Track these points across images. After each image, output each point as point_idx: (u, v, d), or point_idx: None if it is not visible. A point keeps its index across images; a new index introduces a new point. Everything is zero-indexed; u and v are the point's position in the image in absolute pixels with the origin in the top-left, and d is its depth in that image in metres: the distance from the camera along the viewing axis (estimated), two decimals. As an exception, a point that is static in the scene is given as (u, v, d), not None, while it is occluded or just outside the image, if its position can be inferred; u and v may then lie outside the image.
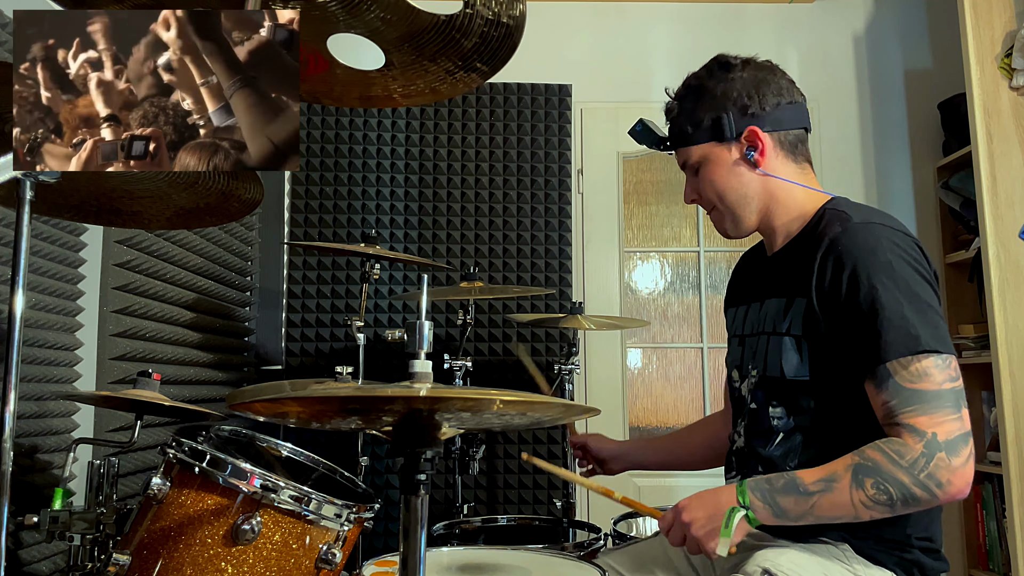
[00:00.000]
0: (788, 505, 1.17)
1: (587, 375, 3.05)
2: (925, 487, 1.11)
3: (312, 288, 2.97)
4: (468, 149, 3.07)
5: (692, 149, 1.38)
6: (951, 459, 1.10)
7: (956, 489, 1.11)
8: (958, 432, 1.12)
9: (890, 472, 1.11)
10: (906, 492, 1.11)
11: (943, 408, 1.12)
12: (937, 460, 1.10)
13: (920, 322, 1.15)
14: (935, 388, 1.13)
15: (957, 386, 1.14)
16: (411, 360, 0.90)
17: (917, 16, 3.27)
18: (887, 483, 1.12)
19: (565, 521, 2.10)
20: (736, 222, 1.39)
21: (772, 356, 1.31)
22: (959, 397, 1.14)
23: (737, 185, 1.36)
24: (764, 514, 1.18)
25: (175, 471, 1.30)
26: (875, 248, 1.20)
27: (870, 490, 1.12)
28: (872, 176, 3.18)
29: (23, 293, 0.99)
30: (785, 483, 1.18)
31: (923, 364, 1.13)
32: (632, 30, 3.26)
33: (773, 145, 1.35)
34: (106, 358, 2.02)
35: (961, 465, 1.11)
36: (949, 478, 1.10)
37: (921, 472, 1.10)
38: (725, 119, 1.34)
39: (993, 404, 2.58)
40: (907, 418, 1.13)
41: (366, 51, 1.14)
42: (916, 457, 1.11)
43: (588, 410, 0.93)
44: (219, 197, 1.34)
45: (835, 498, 1.14)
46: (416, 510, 0.87)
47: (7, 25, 1.71)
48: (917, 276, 1.20)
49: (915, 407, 1.13)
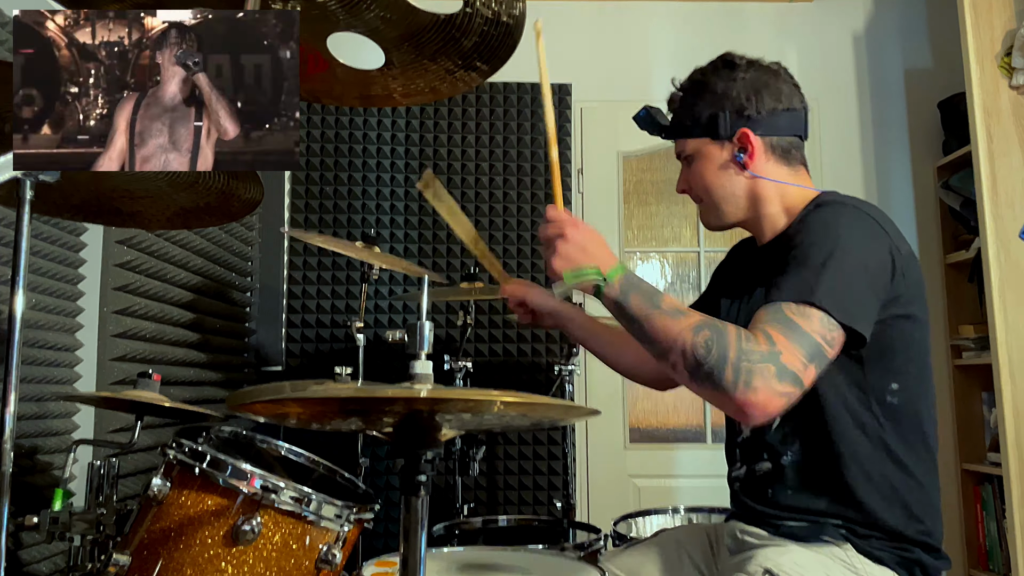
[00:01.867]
0: (635, 302, 1.19)
1: (587, 376, 3.05)
2: (737, 374, 1.07)
3: (312, 288, 2.97)
4: (468, 148, 3.07)
5: (687, 142, 1.41)
6: (776, 379, 1.07)
7: (756, 399, 1.07)
8: (796, 370, 1.09)
9: (727, 343, 1.10)
10: (721, 365, 1.08)
11: (800, 346, 1.10)
12: (765, 367, 1.07)
13: (828, 286, 1.14)
14: (806, 329, 1.12)
15: (825, 347, 1.12)
16: (412, 361, 0.90)
17: (917, 16, 3.27)
18: (716, 345, 1.10)
19: (565, 522, 2.10)
20: (719, 217, 1.42)
21: None
22: (817, 355, 1.11)
23: (725, 183, 1.38)
24: (612, 292, 1.21)
25: (175, 472, 1.30)
26: (830, 221, 1.23)
27: (699, 339, 1.11)
28: (872, 176, 3.18)
29: (23, 293, 0.98)
30: (650, 290, 1.21)
31: (810, 311, 1.13)
32: (632, 29, 3.26)
33: (764, 149, 1.36)
34: (106, 359, 2.02)
35: (777, 393, 1.07)
36: (760, 386, 1.07)
37: (744, 361, 1.08)
38: (721, 118, 1.36)
39: (993, 404, 2.58)
40: (769, 327, 1.12)
41: (366, 50, 1.14)
42: (754, 350, 1.09)
43: (588, 411, 0.93)
44: (219, 197, 1.34)
45: (671, 323, 1.15)
46: (416, 511, 0.87)
47: (7, 25, 1.71)
48: (856, 254, 1.19)
49: (780, 327, 1.12)
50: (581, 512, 2.93)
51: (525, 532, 2.06)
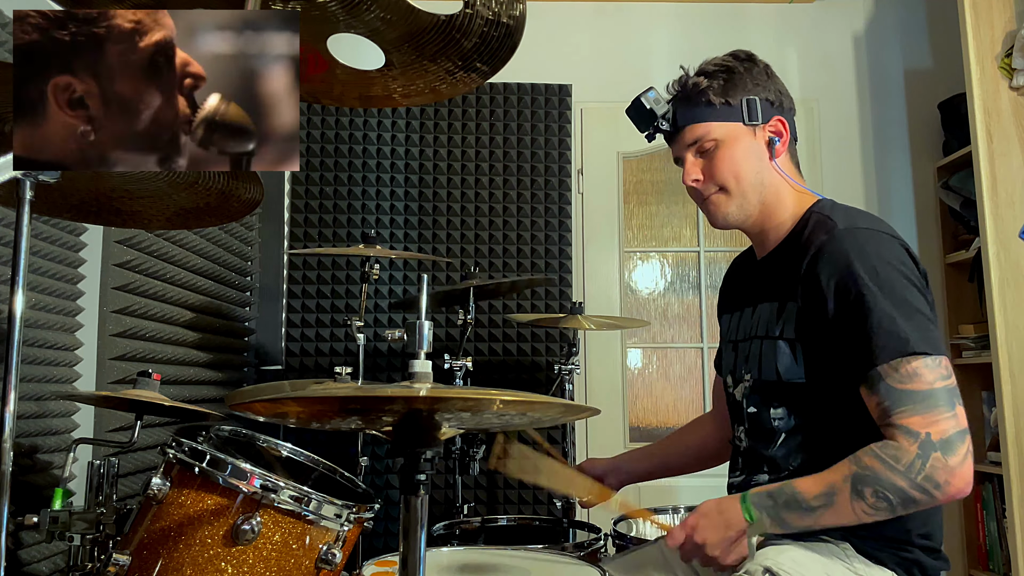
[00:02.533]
0: (792, 519, 1.18)
1: (587, 375, 3.05)
2: (923, 489, 1.11)
3: (312, 288, 2.97)
4: (468, 149, 3.07)
5: (714, 126, 1.35)
6: (947, 458, 1.10)
7: (955, 488, 1.11)
8: (953, 430, 1.11)
9: (888, 478, 1.12)
10: (905, 496, 1.12)
11: (936, 407, 1.12)
12: (933, 461, 1.10)
13: (908, 326, 1.15)
14: (926, 388, 1.13)
15: (949, 384, 1.14)
16: (411, 360, 0.90)
17: (917, 16, 3.27)
18: (886, 490, 1.12)
19: (565, 521, 2.10)
20: (742, 206, 1.37)
21: (767, 360, 1.31)
22: (952, 395, 1.13)
23: (757, 168, 1.36)
24: (772, 528, 1.20)
25: (175, 471, 1.30)
26: (860, 254, 1.21)
27: (870, 499, 1.13)
28: (872, 176, 3.18)
29: (23, 293, 0.99)
30: (787, 499, 1.19)
31: (913, 365, 1.13)
32: (632, 30, 3.26)
33: (788, 142, 1.38)
34: (106, 358, 2.02)
35: (958, 464, 1.10)
36: (947, 478, 1.10)
37: (918, 475, 1.10)
38: (756, 103, 1.35)
39: (993, 404, 2.58)
40: (900, 419, 1.13)
41: (366, 51, 1.14)
42: (911, 460, 1.11)
43: (588, 410, 0.93)
44: (219, 197, 1.34)
45: (837, 510, 1.15)
46: (416, 510, 0.87)
47: (7, 25, 1.71)
48: (903, 280, 1.19)
49: (907, 407, 1.13)
50: (581, 511, 2.93)
51: (525, 532, 2.06)
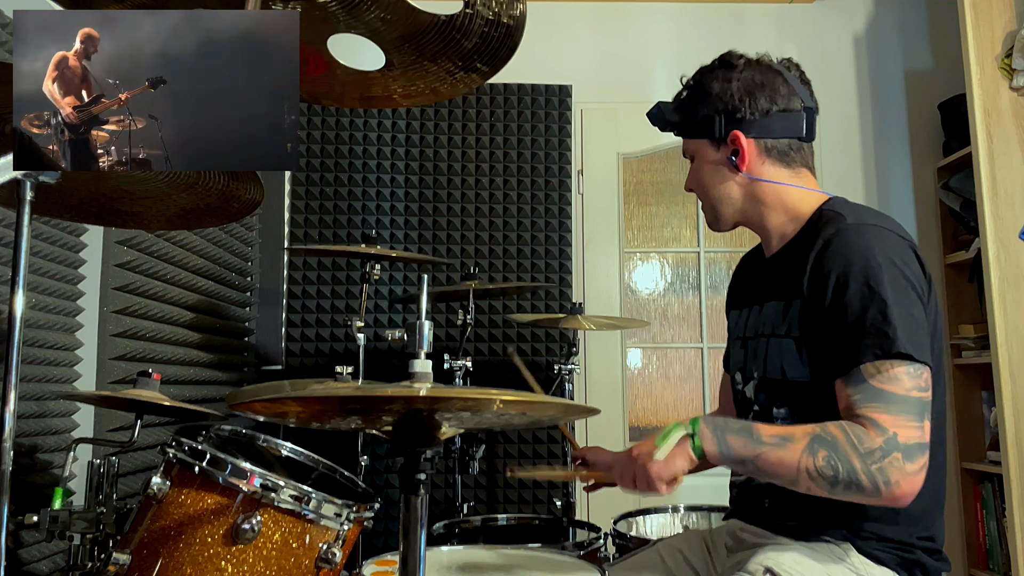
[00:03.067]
0: (736, 444, 1.17)
1: (587, 375, 3.05)
2: (872, 479, 1.10)
3: (312, 288, 2.97)
4: (468, 149, 3.07)
5: (688, 142, 1.43)
6: (905, 463, 1.10)
7: (901, 492, 1.10)
8: (917, 440, 1.11)
9: (845, 452, 1.11)
10: (853, 476, 1.10)
11: (906, 413, 1.12)
12: (892, 458, 1.10)
13: (898, 327, 1.14)
14: (903, 393, 1.13)
15: (924, 397, 1.14)
16: (411, 360, 0.90)
17: (917, 16, 3.27)
18: (839, 460, 1.11)
19: (565, 521, 2.10)
20: (716, 217, 1.43)
21: (772, 358, 1.31)
22: (924, 408, 1.13)
23: (718, 184, 1.39)
24: (710, 443, 1.18)
25: (175, 471, 1.30)
26: (864, 251, 1.20)
27: (820, 461, 1.12)
28: (872, 176, 3.18)
29: (23, 293, 0.99)
30: (741, 426, 1.19)
31: (896, 369, 1.13)
32: (632, 30, 3.26)
33: (757, 152, 1.35)
34: (106, 358, 2.02)
35: (914, 472, 1.10)
36: (898, 479, 1.10)
37: (874, 463, 1.10)
38: (716, 120, 1.36)
39: (993, 404, 2.58)
40: (870, 412, 1.12)
41: (366, 51, 1.14)
42: (874, 448, 1.10)
43: (588, 410, 0.93)
44: (219, 197, 1.34)
45: (784, 455, 1.14)
46: (416, 509, 0.87)
47: (7, 25, 1.71)
48: (903, 281, 1.19)
49: (880, 405, 1.12)
50: (581, 511, 2.93)
51: (525, 531, 2.06)
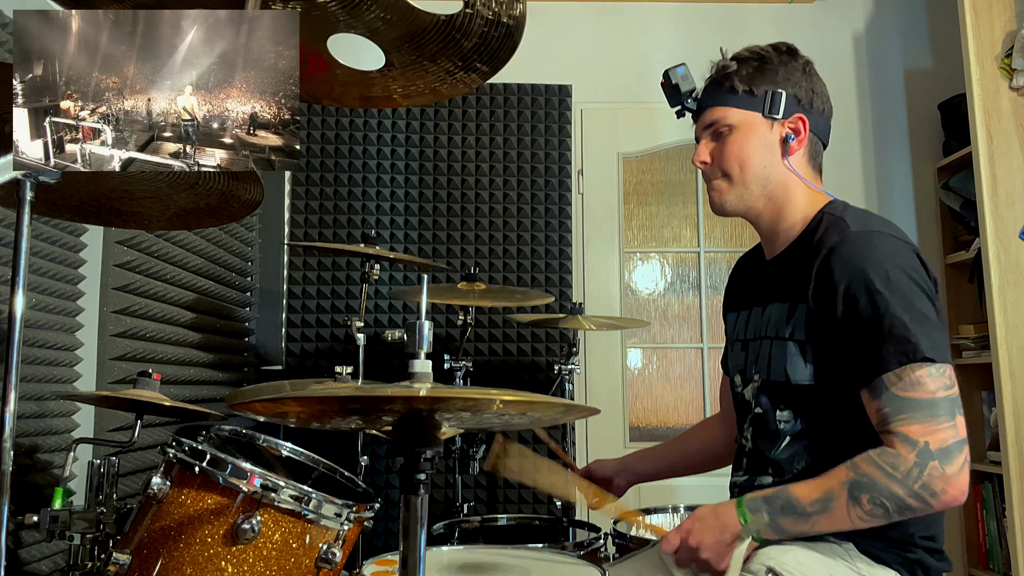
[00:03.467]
0: (787, 525, 1.19)
1: (587, 375, 3.05)
2: (919, 497, 1.12)
3: (312, 288, 2.97)
4: (468, 149, 3.07)
5: (732, 111, 1.36)
6: (944, 468, 1.11)
7: (951, 497, 1.12)
8: (952, 440, 1.12)
9: (885, 486, 1.12)
10: (901, 503, 1.12)
11: (936, 416, 1.13)
12: (930, 469, 1.11)
13: (916, 332, 1.15)
14: (928, 397, 1.13)
15: (952, 394, 1.15)
16: (411, 360, 0.90)
17: (917, 16, 3.27)
18: (882, 497, 1.13)
19: (565, 521, 2.10)
20: (742, 196, 1.37)
21: (776, 361, 1.31)
22: (954, 405, 1.14)
23: (765, 162, 1.36)
24: (766, 534, 1.21)
25: (175, 471, 1.30)
26: (872, 258, 1.21)
27: (867, 505, 1.14)
28: (872, 176, 3.18)
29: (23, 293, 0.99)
30: (783, 504, 1.19)
31: (917, 374, 1.14)
32: (632, 30, 3.26)
33: (807, 144, 1.37)
34: (106, 358, 2.02)
35: (955, 473, 1.12)
36: (943, 487, 1.11)
37: (915, 483, 1.11)
38: (781, 96, 1.34)
39: (993, 404, 2.58)
40: (900, 426, 1.14)
41: (366, 51, 1.14)
42: (909, 468, 1.11)
43: (588, 410, 0.93)
44: (219, 197, 1.34)
45: (832, 516, 1.16)
46: (416, 509, 0.87)
47: (7, 25, 1.71)
48: (913, 286, 1.19)
49: (908, 415, 1.13)
50: (581, 511, 2.93)
51: (525, 531, 2.06)
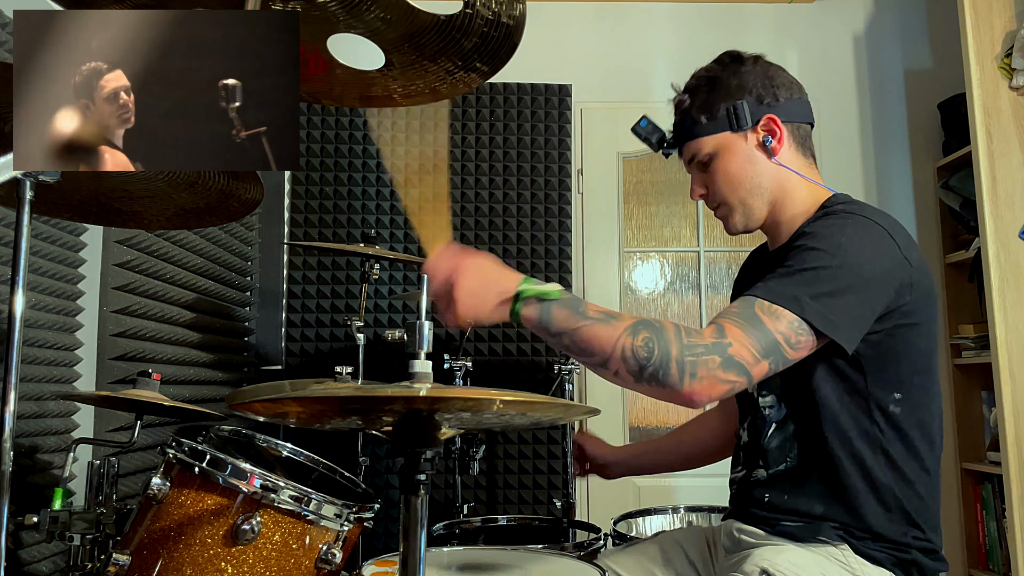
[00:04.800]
0: (558, 316, 1.13)
1: (587, 375, 3.05)
2: (681, 368, 1.07)
3: (312, 288, 2.97)
4: (468, 149, 3.07)
5: (704, 140, 1.36)
6: (719, 369, 1.07)
7: (701, 389, 1.07)
8: (745, 361, 1.09)
9: (667, 339, 1.09)
10: (665, 361, 1.07)
11: (756, 340, 1.10)
12: (710, 359, 1.07)
13: (812, 292, 1.13)
14: (769, 328, 1.11)
15: (785, 348, 1.11)
16: (411, 360, 0.90)
17: (917, 16, 3.27)
18: (657, 344, 1.08)
19: (565, 521, 2.10)
20: (747, 214, 1.37)
21: None
22: (775, 352, 1.11)
23: (752, 174, 1.35)
24: (532, 313, 1.13)
25: (175, 471, 1.30)
26: (836, 228, 1.21)
27: (639, 341, 1.09)
28: (872, 176, 3.18)
29: (23, 293, 0.99)
30: (570, 299, 1.14)
31: (781, 311, 1.12)
32: (632, 30, 3.26)
33: (788, 136, 1.36)
34: (106, 358, 2.02)
35: (723, 380, 1.08)
36: (704, 376, 1.07)
37: (690, 355, 1.07)
38: (742, 107, 1.33)
39: (993, 404, 2.58)
40: (726, 321, 1.12)
41: (366, 51, 1.14)
42: (699, 343, 1.08)
43: (588, 410, 0.93)
44: (219, 197, 1.34)
45: (603, 331, 1.11)
46: (416, 510, 0.87)
47: (7, 25, 1.71)
48: (853, 265, 1.16)
49: (741, 322, 1.11)
50: (581, 511, 2.93)
51: (525, 531, 2.06)
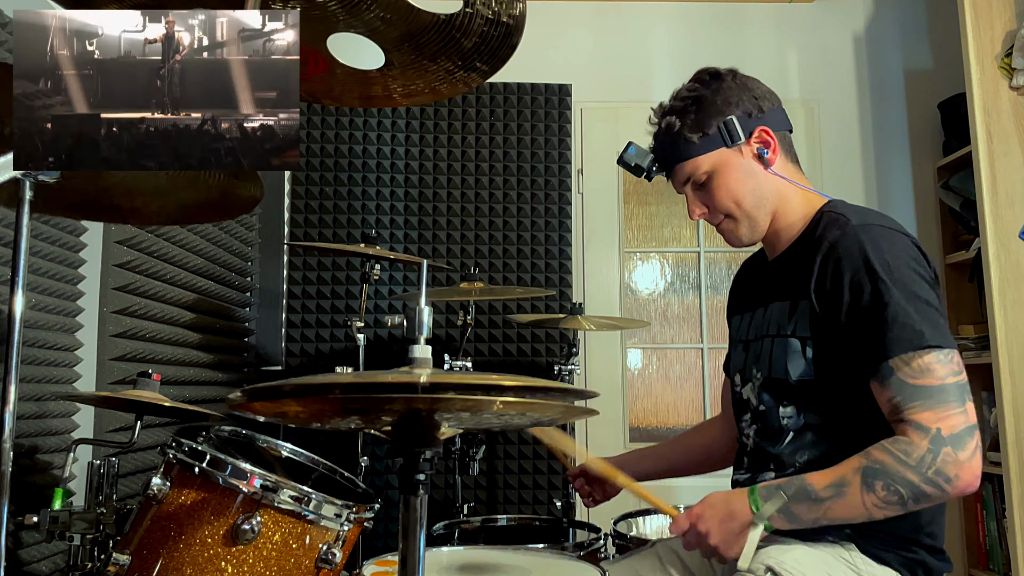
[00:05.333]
0: (801, 512, 1.18)
1: (587, 375, 3.05)
2: (934, 483, 1.11)
3: (312, 288, 2.97)
4: (468, 149, 3.07)
5: (701, 159, 1.35)
6: (957, 453, 1.11)
7: (964, 483, 1.12)
8: (963, 426, 1.12)
9: (898, 472, 1.12)
10: (916, 490, 1.12)
11: (947, 402, 1.13)
12: (943, 455, 1.11)
13: (920, 319, 1.16)
14: (938, 383, 1.14)
15: (960, 380, 1.15)
16: (411, 345, 0.89)
17: (917, 16, 3.27)
18: (896, 483, 1.12)
19: (565, 521, 2.10)
20: (752, 226, 1.37)
21: (777, 358, 1.31)
22: (963, 391, 1.14)
23: (754, 186, 1.35)
24: (779, 522, 1.19)
25: (175, 471, 1.30)
26: (874, 250, 1.21)
27: (880, 492, 1.13)
28: (872, 176, 3.18)
29: (23, 293, 0.99)
30: (796, 490, 1.18)
31: (925, 360, 1.14)
32: (632, 30, 3.26)
33: (779, 145, 1.37)
34: (106, 358, 2.02)
35: (968, 458, 1.11)
36: (957, 472, 1.11)
37: (928, 469, 1.11)
38: (733, 123, 1.34)
39: (993, 404, 2.58)
40: (912, 414, 1.14)
41: (366, 51, 1.14)
42: (922, 454, 1.11)
43: (588, 411, 0.92)
44: (219, 194, 1.34)
45: (847, 502, 1.15)
46: (415, 510, 0.87)
47: (7, 25, 1.71)
48: (915, 275, 1.20)
49: (919, 402, 1.13)
50: (581, 511, 2.92)
51: (525, 531, 2.06)
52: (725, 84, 1.36)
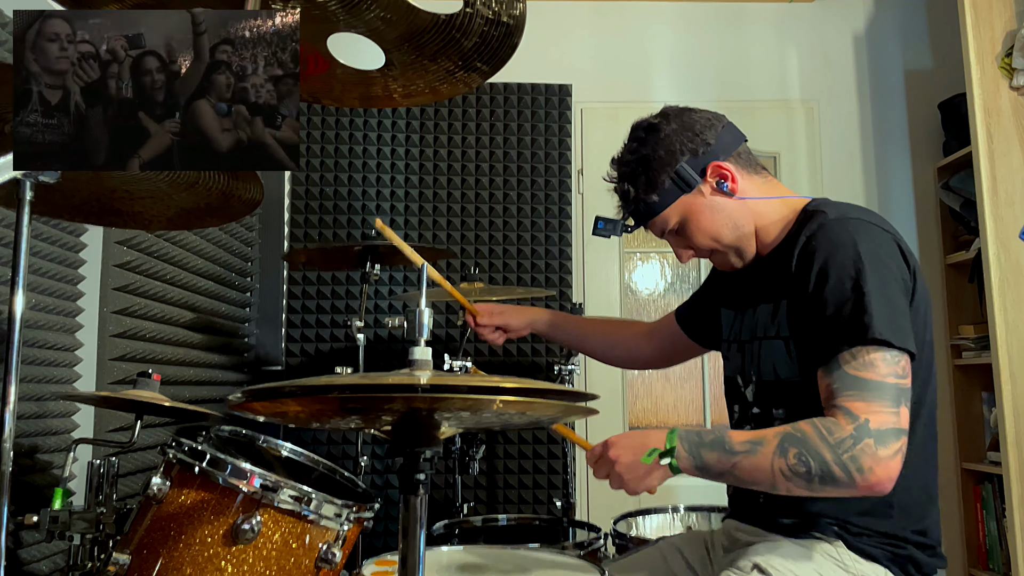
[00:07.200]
0: (711, 459, 1.17)
1: (587, 375, 3.05)
2: (845, 468, 1.09)
3: (312, 288, 2.97)
4: (468, 149, 3.07)
5: (666, 214, 1.38)
6: (878, 448, 1.09)
7: (876, 479, 1.09)
8: (891, 425, 1.11)
9: (815, 446, 1.11)
10: (826, 469, 1.10)
11: (882, 399, 1.11)
12: (864, 445, 1.09)
13: (878, 314, 1.14)
14: (877, 379, 1.12)
15: (902, 383, 1.13)
16: (411, 347, 0.89)
17: (917, 16, 3.27)
18: (809, 456, 1.11)
19: (565, 521, 2.10)
20: (740, 252, 1.39)
21: (765, 361, 1.32)
22: (901, 394, 1.13)
23: (726, 220, 1.36)
24: (686, 463, 1.19)
25: (175, 471, 1.30)
26: (845, 242, 1.21)
27: (792, 459, 1.12)
28: (872, 176, 3.18)
29: (23, 293, 0.99)
30: (713, 439, 1.18)
31: (872, 356, 1.13)
32: (632, 30, 3.26)
33: (736, 168, 1.36)
34: (106, 359, 2.02)
35: (888, 457, 1.09)
36: (872, 465, 1.09)
37: (845, 452, 1.10)
38: (684, 169, 1.34)
39: (993, 404, 2.58)
40: (844, 401, 1.13)
41: (366, 51, 1.14)
42: (844, 437, 1.10)
43: (588, 411, 0.93)
44: (220, 197, 1.34)
45: (756, 461, 1.14)
46: (415, 509, 0.87)
47: (7, 25, 1.71)
48: (885, 271, 1.19)
49: (854, 392, 1.13)
50: (581, 511, 2.93)
51: (525, 531, 2.06)
52: (663, 134, 1.36)
